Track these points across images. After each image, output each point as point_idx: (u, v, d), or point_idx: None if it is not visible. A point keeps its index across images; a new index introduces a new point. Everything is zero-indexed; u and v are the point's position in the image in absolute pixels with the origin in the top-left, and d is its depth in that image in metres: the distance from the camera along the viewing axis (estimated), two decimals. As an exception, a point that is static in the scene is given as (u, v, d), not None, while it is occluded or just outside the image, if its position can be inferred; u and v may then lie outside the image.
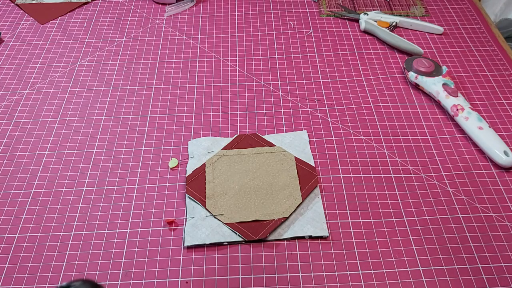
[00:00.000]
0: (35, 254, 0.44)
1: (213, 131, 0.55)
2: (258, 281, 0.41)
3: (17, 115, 0.58)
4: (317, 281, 0.41)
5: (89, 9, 0.76)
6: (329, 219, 0.46)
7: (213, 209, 0.46)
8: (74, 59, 0.67)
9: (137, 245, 0.45)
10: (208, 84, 0.61)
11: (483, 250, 0.43)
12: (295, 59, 0.65)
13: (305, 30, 0.70)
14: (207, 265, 0.43)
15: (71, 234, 0.46)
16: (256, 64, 0.64)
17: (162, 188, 0.49)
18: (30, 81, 0.63)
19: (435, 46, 0.66)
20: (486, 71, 0.61)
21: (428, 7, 0.73)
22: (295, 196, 0.47)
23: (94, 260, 0.44)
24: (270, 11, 0.74)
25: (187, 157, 0.52)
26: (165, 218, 0.46)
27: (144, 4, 0.76)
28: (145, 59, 0.66)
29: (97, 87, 0.62)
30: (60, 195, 0.49)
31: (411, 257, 0.43)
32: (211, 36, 0.69)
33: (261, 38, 0.68)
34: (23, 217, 0.47)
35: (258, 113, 0.57)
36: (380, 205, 0.47)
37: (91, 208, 0.48)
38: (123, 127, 0.56)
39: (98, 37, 0.70)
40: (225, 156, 0.51)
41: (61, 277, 0.43)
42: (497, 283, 0.41)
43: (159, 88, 0.61)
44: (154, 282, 0.42)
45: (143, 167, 0.51)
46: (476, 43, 0.66)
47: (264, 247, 0.44)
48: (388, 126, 0.54)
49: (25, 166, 0.52)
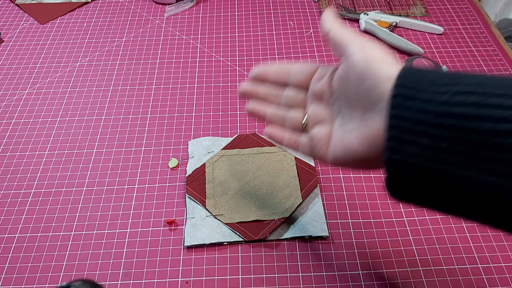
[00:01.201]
0: (35, 254, 0.44)
1: (213, 131, 0.55)
2: (258, 281, 0.41)
3: (17, 115, 0.58)
4: (317, 281, 0.41)
5: (89, 9, 0.76)
6: (329, 219, 0.46)
7: (213, 209, 0.46)
8: (74, 59, 0.67)
9: (137, 245, 0.45)
10: (208, 84, 0.61)
11: (483, 250, 0.43)
12: (295, 59, 0.65)
13: (305, 30, 0.70)
14: (207, 265, 0.43)
15: (71, 234, 0.46)
16: (256, 64, 0.64)
17: (162, 188, 0.49)
18: (30, 81, 0.63)
19: (435, 46, 0.66)
20: (486, 71, 0.61)
21: (428, 7, 0.73)
22: (295, 196, 0.47)
23: (94, 260, 0.44)
24: (270, 11, 0.74)
25: (187, 157, 0.52)
26: (165, 218, 0.46)
27: (144, 4, 0.76)
28: (145, 59, 0.66)
29: (97, 87, 0.62)
30: (60, 195, 0.49)
31: (411, 257, 0.43)
32: (211, 36, 0.69)
33: (261, 38, 0.68)
34: (23, 217, 0.47)
35: (258, 113, 0.57)
36: (380, 205, 0.47)
37: (91, 208, 0.48)
38: (123, 127, 0.56)
39: (98, 37, 0.70)
40: (225, 156, 0.51)
41: (61, 277, 0.43)
42: (497, 283, 0.41)
43: (159, 88, 0.61)
44: (154, 282, 0.42)
45: (143, 167, 0.51)
46: (476, 43, 0.66)
47: (264, 247, 0.44)
48: (388, 126, 0.54)
49: (25, 166, 0.52)
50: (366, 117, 0.32)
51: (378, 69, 0.31)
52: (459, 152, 0.27)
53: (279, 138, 0.38)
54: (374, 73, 0.31)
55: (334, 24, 0.36)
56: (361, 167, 0.34)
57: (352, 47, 0.33)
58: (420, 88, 0.28)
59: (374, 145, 0.31)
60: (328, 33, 0.35)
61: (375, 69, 0.31)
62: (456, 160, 0.27)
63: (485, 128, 0.26)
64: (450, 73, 0.29)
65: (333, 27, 0.35)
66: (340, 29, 0.35)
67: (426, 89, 0.28)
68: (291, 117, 0.38)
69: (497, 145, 0.25)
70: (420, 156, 0.28)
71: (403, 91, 0.29)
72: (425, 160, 0.28)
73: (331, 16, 0.36)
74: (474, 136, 0.26)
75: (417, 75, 0.29)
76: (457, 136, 0.27)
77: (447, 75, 0.29)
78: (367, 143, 0.32)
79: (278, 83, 0.39)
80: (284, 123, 0.39)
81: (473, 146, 0.26)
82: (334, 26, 0.35)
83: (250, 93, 0.40)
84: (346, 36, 0.34)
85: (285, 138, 0.38)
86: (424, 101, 0.28)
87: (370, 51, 0.32)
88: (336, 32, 0.35)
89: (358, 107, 0.33)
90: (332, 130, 0.35)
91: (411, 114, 0.28)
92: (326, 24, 0.36)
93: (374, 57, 0.32)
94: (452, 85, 0.28)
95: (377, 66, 0.31)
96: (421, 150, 0.28)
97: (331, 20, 0.36)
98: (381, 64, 0.31)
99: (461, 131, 0.27)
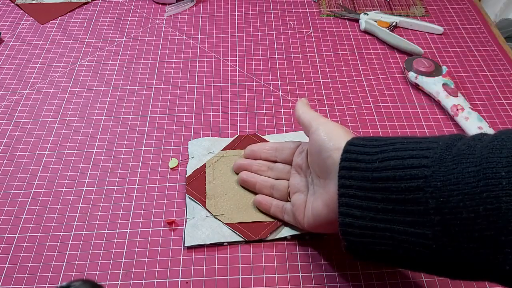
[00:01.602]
0: (35, 254, 0.44)
1: (213, 131, 0.55)
2: (258, 281, 0.41)
3: (17, 115, 0.58)
4: (317, 281, 0.41)
5: (89, 9, 0.76)
6: (329, 219, 0.46)
7: (213, 209, 0.46)
8: (74, 59, 0.67)
9: (137, 245, 0.45)
10: (208, 84, 0.61)
11: (483, 250, 0.43)
12: (295, 59, 0.65)
13: (305, 30, 0.70)
14: (207, 265, 0.43)
15: (71, 234, 0.46)
16: (256, 64, 0.64)
17: (162, 188, 0.49)
18: (30, 81, 0.63)
19: (435, 46, 0.66)
20: (486, 71, 0.61)
21: (428, 7, 0.73)
22: (295, 196, 0.47)
23: (94, 260, 0.44)
24: (270, 11, 0.74)
25: (187, 157, 0.52)
26: (165, 218, 0.46)
27: (144, 4, 0.76)
28: (145, 59, 0.66)
29: (97, 87, 0.62)
30: (60, 195, 0.49)
31: (411, 257, 0.43)
32: (211, 36, 0.69)
33: (261, 38, 0.68)
34: (23, 217, 0.47)
35: (258, 113, 0.57)
36: (380, 205, 0.47)
37: (91, 208, 0.48)
38: (123, 127, 0.56)
39: (98, 37, 0.70)
40: (226, 157, 0.51)
41: (61, 277, 0.43)
42: (497, 283, 0.41)
43: (159, 88, 0.61)
44: (154, 282, 0.42)
45: (143, 167, 0.51)
46: (476, 43, 0.66)
47: (264, 247, 0.44)
48: (388, 126, 0.54)
49: (25, 166, 0.52)
50: (325, 183, 0.38)
51: (330, 142, 0.37)
52: (391, 210, 0.31)
53: (267, 206, 0.45)
54: (327, 146, 0.37)
55: (304, 108, 0.43)
56: (329, 230, 0.40)
57: (313, 126, 0.40)
58: (359, 159, 0.34)
59: (333, 208, 0.36)
60: (299, 116, 0.43)
61: (328, 142, 0.37)
62: (389, 217, 0.31)
63: (403, 187, 0.31)
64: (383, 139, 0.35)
65: (303, 111, 0.43)
66: (308, 111, 0.43)
67: (364, 159, 0.34)
68: (278, 185, 0.45)
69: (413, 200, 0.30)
70: (364, 217, 0.33)
71: (348, 164, 0.34)
72: (368, 220, 0.33)
73: (304, 103, 0.44)
74: (397, 194, 0.31)
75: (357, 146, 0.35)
76: (386, 196, 0.32)
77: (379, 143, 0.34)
78: (327, 207, 0.37)
79: (269, 160, 0.47)
80: (272, 192, 0.45)
81: (399, 203, 0.31)
82: (304, 110, 0.43)
83: (244, 167, 0.48)
84: (310, 117, 0.41)
85: (272, 205, 0.44)
86: (363, 169, 0.33)
87: (326, 127, 0.39)
88: (304, 115, 0.42)
89: (321, 176, 0.39)
90: (306, 198, 0.41)
91: (354, 182, 0.33)
92: (298, 109, 0.43)
93: (329, 132, 0.38)
94: (381, 152, 0.33)
95: (330, 139, 0.37)
96: (364, 212, 0.33)
97: (304, 106, 0.43)
98: (333, 137, 0.37)
99: (389, 191, 0.31)
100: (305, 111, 0.43)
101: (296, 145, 0.45)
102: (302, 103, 0.44)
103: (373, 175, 0.32)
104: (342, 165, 0.34)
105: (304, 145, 0.44)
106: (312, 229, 0.41)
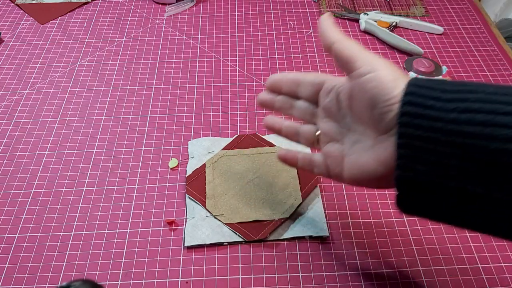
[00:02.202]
0: (35, 254, 0.44)
1: (213, 131, 0.55)
2: (258, 281, 0.41)
3: (17, 115, 0.58)
4: (317, 281, 0.41)
5: (89, 9, 0.76)
6: (329, 219, 0.46)
7: (213, 209, 0.46)
8: (74, 59, 0.67)
9: (137, 245, 0.45)
10: (208, 84, 0.61)
11: (483, 250, 0.43)
12: (295, 59, 0.65)
13: (305, 30, 0.70)
14: (207, 265, 0.43)
15: (71, 234, 0.46)
16: (256, 64, 0.64)
17: (162, 188, 0.49)
18: (30, 81, 0.63)
19: (435, 46, 0.66)
20: (486, 71, 0.61)
21: (428, 7, 0.73)
22: (295, 196, 0.47)
23: (94, 260, 0.44)
24: (270, 11, 0.74)
25: (187, 157, 0.52)
26: (165, 218, 0.46)
27: (144, 4, 0.76)
28: (145, 59, 0.66)
29: (97, 87, 0.62)
30: (60, 195, 0.49)
31: (411, 257, 0.43)
32: (211, 36, 0.69)
33: (261, 38, 0.68)
34: (23, 217, 0.47)
35: (258, 113, 0.57)
36: (380, 205, 0.47)
37: (91, 208, 0.48)
38: (123, 127, 0.56)
39: (98, 37, 0.70)
40: (225, 157, 0.51)
41: (61, 277, 0.43)
42: (497, 283, 0.41)
43: (159, 88, 0.61)
44: (154, 282, 0.42)
45: (143, 167, 0.51)
46: (476, 43, 0.66)
47: (264, 247, 0.44)
48: (388, 126, 0.54)
49: (25, 166, 0.52)
50: (381, 138, 0.32)
51: (390, 93, 0.30)
52: (468, 170, 0.27)
53: (293, 161, 0.39)
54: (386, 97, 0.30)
55: (339, 36, 0.34)
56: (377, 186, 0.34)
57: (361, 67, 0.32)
58: (428, 105, 0.28)
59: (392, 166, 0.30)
60: (332, 45, 0.33)
61: (387, 93, 0.30)
62: (465, 177, 0.27)
63: (493, 148, 0.26)
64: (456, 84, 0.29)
65: (338, 39, 0.33)
66: (347, 42, 0.33)
67: (434, 106, 0.28)
68: (304, 132, 0.39)
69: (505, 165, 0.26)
70: (430, 173, 0.28)
71: (411, 109, 0.28)
72: (435, 177, 0.28)
73: (332, 24, 0.34)
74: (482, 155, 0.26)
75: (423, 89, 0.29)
76: (466, 154, 0.27)
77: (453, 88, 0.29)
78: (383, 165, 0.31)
79: (291, 95, 0.40)
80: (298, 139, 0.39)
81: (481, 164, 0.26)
82: (339, 38, 0.33)
83: (268, 103, 0.41)
84: (353, 52, 0.33)
85: (299, 159, 0.39)
86: (433, 118, 0.28)
87: (380, 71, 0.31)
88: (342, 47, 0.33)
89: (371, 128, 0.33)
90: (344, 148, 0.35)
91: (420, 132, 0.28)
92: (329, 35, 0.34)
93: (386, 79, 0.30)
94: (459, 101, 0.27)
95: (389, 89, 0.30)
96: (430, 168, 0.28)
97: (335, 31, 0.34)
98: (392, 86, 0.30)
99: (470, 149, 0.27)
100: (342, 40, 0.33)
101: (320, 80, 0.37)
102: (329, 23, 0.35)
103: (448, 128, 0.27)
104: (404, 109, 0.28)
105: (331, 82, 0.37)
106: (354, 183, 0.35)
